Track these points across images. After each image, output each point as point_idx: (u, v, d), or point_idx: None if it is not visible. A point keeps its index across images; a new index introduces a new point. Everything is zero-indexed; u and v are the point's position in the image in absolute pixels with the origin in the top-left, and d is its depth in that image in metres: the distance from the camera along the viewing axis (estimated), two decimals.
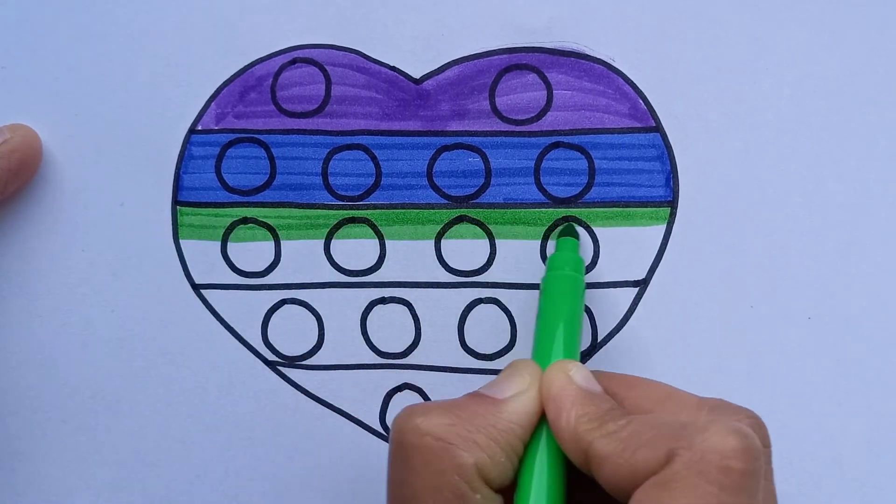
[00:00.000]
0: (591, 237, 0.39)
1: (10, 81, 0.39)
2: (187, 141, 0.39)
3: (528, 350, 0.39)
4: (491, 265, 0.39)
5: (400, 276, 0.39)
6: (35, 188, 0.39)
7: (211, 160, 0.39)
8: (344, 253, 0.39)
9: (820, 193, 0.39)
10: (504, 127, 0.39)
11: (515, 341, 0.39)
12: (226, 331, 0.39)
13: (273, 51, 0.39)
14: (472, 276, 0.39)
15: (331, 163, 0.39)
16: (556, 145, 0.39)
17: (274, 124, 0.39)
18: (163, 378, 0.40)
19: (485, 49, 0.39)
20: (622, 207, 0.39)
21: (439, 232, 0.39)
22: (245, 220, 0.39)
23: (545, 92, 0.39)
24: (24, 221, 0.40)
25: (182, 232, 0.39)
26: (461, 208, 0.39)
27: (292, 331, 0.39)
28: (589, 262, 0.39)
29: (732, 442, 0.28)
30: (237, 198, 0.39)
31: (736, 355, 0.39)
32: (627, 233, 0.39)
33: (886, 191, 0.39)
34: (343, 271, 0.39)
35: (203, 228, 0.39)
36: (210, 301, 0.39)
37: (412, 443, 0.30)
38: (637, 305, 0.39)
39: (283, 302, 0.39)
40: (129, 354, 0.40)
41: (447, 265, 0.39)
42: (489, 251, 0.39)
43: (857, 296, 0.39)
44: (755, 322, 0.39)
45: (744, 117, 0.39)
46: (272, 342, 0.39)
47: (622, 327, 0.39)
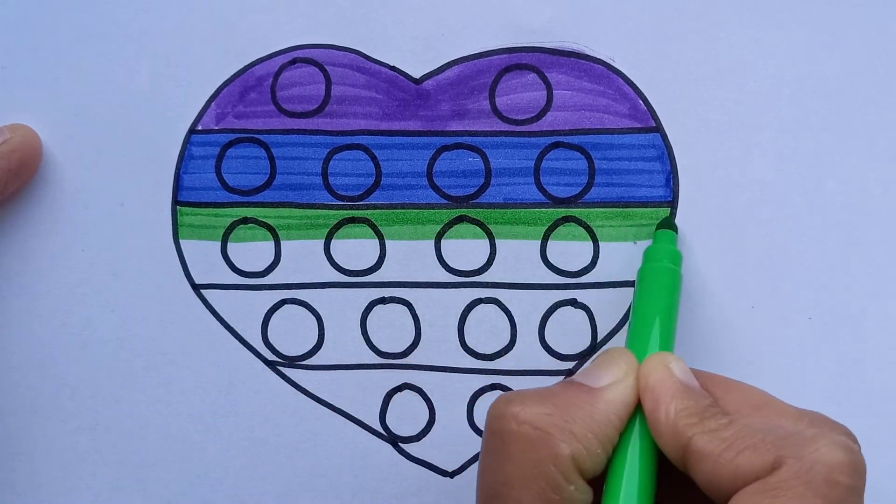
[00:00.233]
0: (591, 237, 0.39)
1: (10, 81, 0.39)
2: (187, 141, 0.39)
3: (528, 350, 0.39)
4: (491, 265, 0.39)
5: (400, 276, 0.39)
6: (35, 188, 0.39)
7: (211, 160, 0.39)
8: (344, 253, 0.39)
9: (820, 193, 0.39)
10: (504, 127, 0.39)
11: (515, 341, 0.39)
12: (226, 331, 0.39)
13: (273, 51, 0.39)
14: (472, 276, 0.39)
15: (331, 163, 0.39)
16: (556, 145, 0.39)
17: (274, 124, 0.39)
18: (163, 378, 0.40)
19: (485, 49, 0.39)
20: (622, 207, 0.39)
21: (439, 232, 0.39)
22: (245, 220, 0.39)
23: (545, 92, 0.39)
24: (24, 221, 0.40)
25: (182, 232, 0.39)
26: (461, 208, 0.39)
27: (292, 331, 0.39)
28: (589, 262, 0.39)
29: (840, 456, 0.28)
30: (237, 198, 0.39)
31: (737, 356, 0.39)
32: (627, 233, 0.39)
33: (886, 191, 0.39)
34: (343, 271, 0.39)
35: (203, 228, 0.39)
36: (210, 301, 0.39)
37: (510, 430, 0.30)
38: None
39: (283, 302, 0.39)
40: (129, 354, 0.40)
41: (447, 265, 0.39)
42: (489, 251, 0.39)
43: (858, 296, 0.39)
44: (755, 322, 0.39)
45: (744, 117, 0.39)
46: (272, 342, 0.39)
47: (622, 327, 0.39)
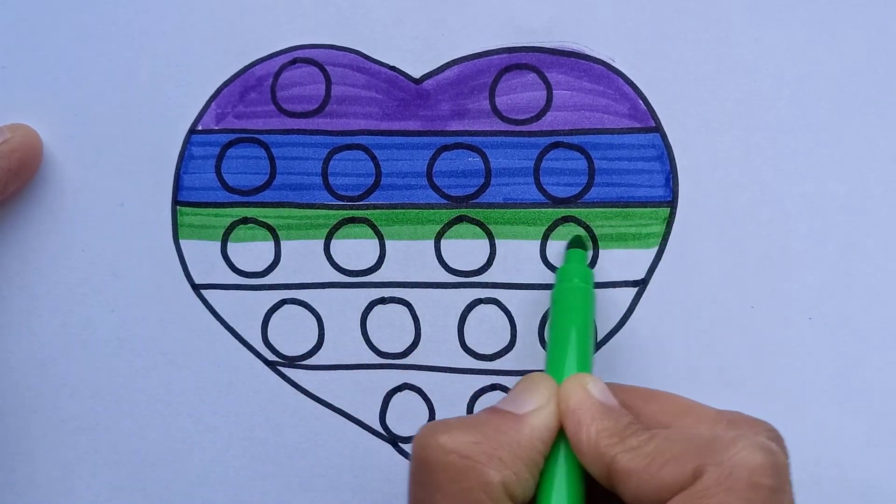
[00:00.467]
0: (591, 237, 0.39)
1: (10, 81, 0.39)
2: (187, 141, 0.39)
3: (528, 350, 0.39)
4: (491, 265, 0.39)
5: (400, 277, 0.39)
6: (35, 188, 0.39)
7: (211, 160, 0.39)
8: (344, 253, 0.39)
9: (820, 193, 0.39)
10: (504, 127, 0.39)
11: (515, 341, 0.39)
12: (226, 331, 0.39)
13: (273, 51, 0.39)
14: (472, 277, 0.39)
15: (331, 163, 0.39)
16: (556, 145, 0.39)
17: (274, 124, 0.39)
18: (163, 378, 0.40)
19: (485, 49, 0.39)
20: (622, 207, 0.39)
21: (439, 232, 0.39)
22: (245, 220, 0.39)
23: (545, 92, 0.39)
24: (24, 221, 0.40)
25: (182, 232, 0.39)
26: (461, 208, 0.39)
27: (292, 331, 0.39)
28: (588, 262, 0.39)
29: (760, 458, 0.28)
30: (237, 198, 0.39)
31: (736, 355, 0.39)
32: (627, 233, 0.39)
33: (886, 191, 0.39)
34: (343, 271, 0.39)
35: (203, 228, 0.39)
36: (210, 301, 0.39)
37: (437, 460, 0.30)
38: (636, 305, 0.39)
39: (283, 302, 0.39)
40: (129, 354, 0.40)
41: (447, 265, 0.39)
42: (489, 251, 0.39)
43: (857, 296, 0.39)
44: (755, 322, 0.39)
45: (744, 117, 0.39)
46: (272, 342, 0.39)
47: (621, 327, 0.39)
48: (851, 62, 0.39)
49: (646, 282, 0.39)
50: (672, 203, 0.39)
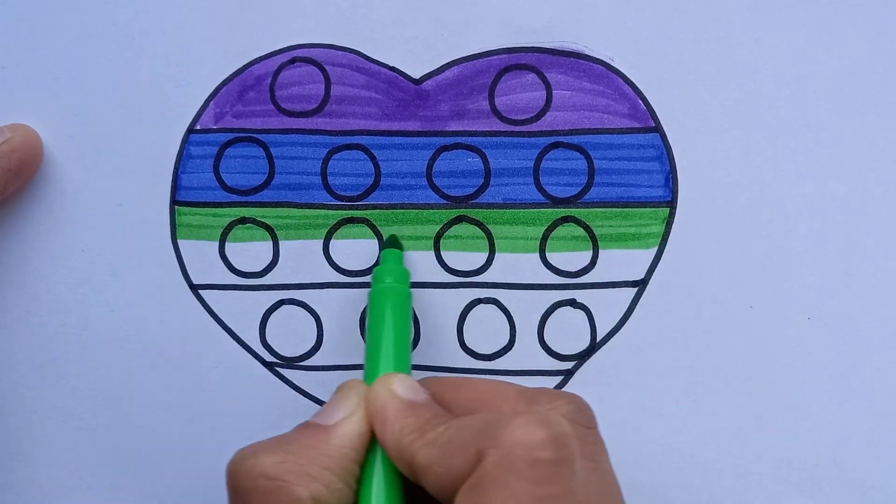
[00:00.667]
0: (591, 237, 0.39)
1: (10, 81, 0.39)
2: (186, 140, 0.39)
3: (528, 350, 0.39)
4: (490, 265, 0.39)
5: None
6: (35, 188, 0.39)
7: (209, 160, 0.39)
8: (343, 253, 0.39)
9: (819, 194, 0.39)
10: (503, 127, 0.39)
11: (514, 341, 0.39)
12: (224, 332, 0.39)
13: (272, 50, 0.39)
14: (472, 277, 0.39)
15: (330, 163, 0.39)
16: (556, 145, 0.39)
17: (273, 124, 0.39)
18: (162, 378, 0.40)
19: (484, 49, 0.39)
20: (621, 207, 0.39)
21: (438, 232, 0.39)
22: (243, 220, 0.39)
23: (544, 92, 0.39)
24: (24, 221, 0.40)
25: (180, 232, 0.39)
26: (460, 208, 0.39)
27: (291, 331, 0.39)
28: (588, 263, 0.39)
29: (538, 433, 0.28)
30: (235, 197, 0.39)
31: (736, 356, 0.39)
32: (626, 233, 0.39)
33: (886, 191, 0.39)
34: (342, 271, 0.39)
35: (201, 228, 0.39)
36: (208, 301, 0.39)
37: (246, 486, 0.30)
38: (636, 305, 0.39)
39: (282, 302, 0.39)
40: (129, 354, 0.40)
41: (446, 265, 0.39)
42: (488, 251, 0.39)
43: (857, 296, 0.39)
44: (755, 322, 0.39)
45: (743, 117, 0.39)
46: (270, 343, 0.39)
47: (621, 327, 0.39)
48: (851, 62, 0.39)
49: (645, 282, 0.39)
50: (671, 203, 0.39)
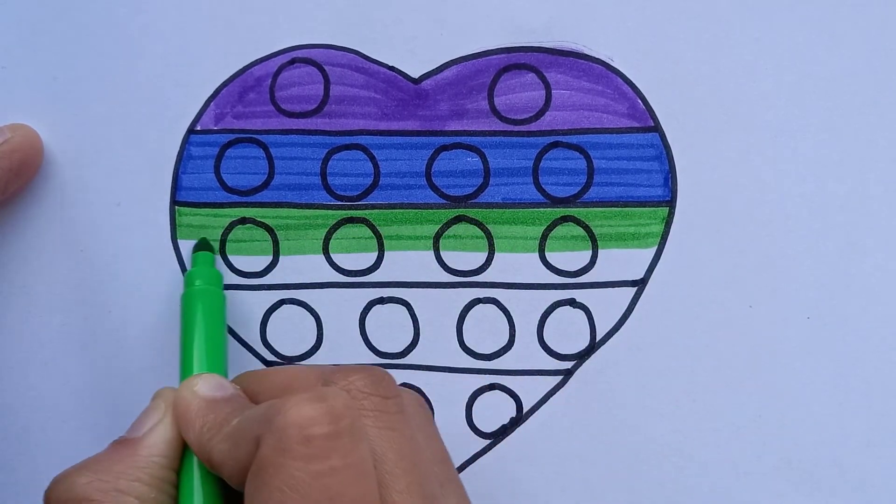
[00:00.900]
0: (590, 237, 0.39)
1: (10, 81, 0.39)
2: (186, 141, 0.39)
3: (527, 350, 0.39)
4: (489, 265, 0.39)
5: (398, 276, 0.39)
6: (35, 188, 0.39)
7: (210, 160, 0.39)
8: (342, 253, 0.39)
9: (819, 193, 0.39)
10: (503, 127, 0.39)
11: (514, 341, 0.39)
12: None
13: (272, 51, 0.39)
14: (471, 276, 0.39)
15: (329, 163, 0.39)
16: (555, 145, 0.39)
17: (273, 124, 0.39)
18: (162, 378, 0.40)
19: (483, 49, 0.39)
20: (621, 207, 0.39)
21: (438, 232, 0.39)
22: (244, 221, 0.39)
23: (544, 92, 0.39)
24: (24, 221, 0.40)
25: (181, 232, 0.39)
26: (460, 208, 0.39)
27: (291, 331, 0.39)
28: (587, 262, 0.39)
29: (309, 410, 0.28)
30: (236, 198, 0.39)
31: (735, 355, 0.39)
32: (626, 232, 0.39)
33: (886, 191, 0.39)
34: (342, 271, 0.39)
35: (202, 228, 0.39)
36: None
37: None
38: (635, 305, 0.39)
39: (282, 302, 0.39)
40: (129, 354, 0.40)
41: (446, 265, 0.39)
42: (488, 251, 0.39)
43: (857, 296, 0.39)
44: (755, 322, 0.39)
45: (743, 117, 0.39)
46: (271, 342, 0.39)
47: (620, 327, 0.39)
48: (851, 62, 0.39)
49: (645, 281, 0.39)
50: (671, 203, 0.39)
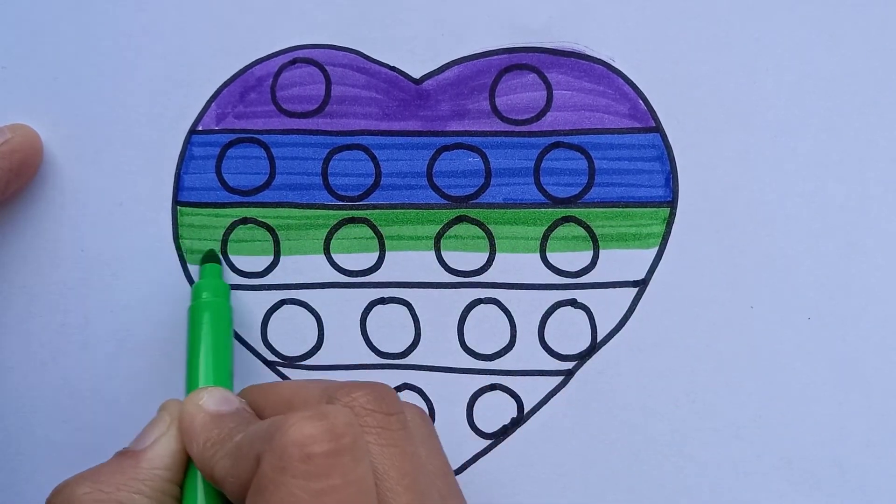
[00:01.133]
0: (591, 237, 0.39)
1: (10, 81, 0.39)
2: (188, 141, 0.39)
3: (528, 350, 0.39)
4: (490, 265, 0.39)
5: (399, 277, 0.39)
6: (35, 188, 0.39)
7: (211, 160, 0.39)
8: (343, 253, 0.39)
9: (820, 194, 0.39)
10: (504, 127, 0.39)
11: (515, 341, 0.39)
12: None
13: (273, 51, 0.39)
14: (472, 277, 0.39)
15: (331, 163, 0.39)
16: (556, 145, 0.39)
17: (274, 124, 0.39)
18: (163, 378, 0.40)
19: (485, 49, 0.39)
20: (622, 207, 0.39)
21: (439, 232, 0.39)
22: (245, 221, 0.39)
23: (545, 92, 0.39)
24: (24, 221, 0.40)
25: (182, 232, 0.39)
26: (461, 208, 0.39)
27: (292, 331, 0.39)
28: (589, 263, 0.39)
29: (309, 429, 0.27)
30: (237, 198, 0.39)
31: (736, 355, 0.39)
32: (627, 233, 0.39)
33: (886, 191, 0.39)
34: (343, 271, 0.39)
35: (203, 228, 0.39)
36: None
37: None
38: (636, 305, 0.39)
39: (283, 302, 0.39)
40: (129, 354, 0.40)
41: (447, 265, 0.39)
42: (489, 251, 0.39)
43: (857, 297, 0.39)
44: (755, 322, 0.39)
45: (744, 117, 0.39)
46: (272, 342, 0.39)
47: (621, 327, 0.39)
48: (851, 62, 0.39)
49: (646, 282, 0.39)
50: (672, 203, 0.39)
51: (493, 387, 0.39)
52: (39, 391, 0.40)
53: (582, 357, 0.39)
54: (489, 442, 0.39)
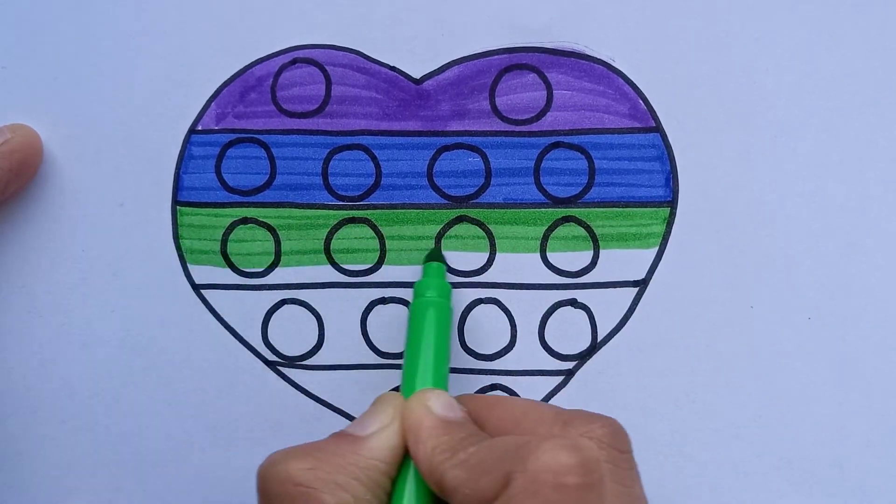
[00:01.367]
0: (591, 237, 0.39)
1: (10, 81, 0.39)
2: (187, 141, 0.39)
3: (528, 350, 0.39)
4: (491, 265, 0.39)
5: (400, 277, 0.39)
6: (35, 188, 0.39)
7: (211, 160, 0.39)
8: (344, 253, 0.39)
9: (820, 194, 0.39)
10: (504, 127, 0.39)
11: (515, 341, 0.39)
12: (226, 331, 0.39)
13: (273, 51, 0.39)
14: (472, 277, 0.39)
15: (331, 163, 0.39)
16: (556, 145, 0.39)
17: (274, 124, 0.39)
18: (163, 378, 0.40)
19: (485, 49, 0.39)
20: (622, 207, 0.39)
21: (439, 232, 0.39)
22: (245, 220, 0.39)
23: (545, 92, 0.39)
24: (24, 221, 0.40)
25: (182, 232, 0.39)
26: (461, 208, 0.39)
27: (292, 331, 0.39)
28: (589, 262, 0.39)
29: (565, 458, 0.27)
30: (237, 198, 0.39)
31: (736, 355, 0.39)
32: (627, 233, 0.39)
33: (886, 191, 0.39)
34: (343, 271, 0.39)
35: (203, 228, 0.39)
36: (210, 301, 0.39)
37: (274, 491, 0.30)
38: (637, 305, 0.39)
39: (283, 302, 0.39)
40: (129, 354, 0.40)
41: (447, 265, 0.39)
42: (489, 251, 0.39)
43: (857, 296, 0.39)
44: (755, 322, 0.39)
45: (744, 117, 0.39)
46: (272, 342, 0.39)
47: (622, 327, 0.39)
48: (851, 62, 0.39)
49: (646, 282, 0.39)
50: (672, 203, 0.39)
51: (494, 387, 0.39)
52: (39, 391, 0.40)
53: (582, 357, 0.39)
54: None
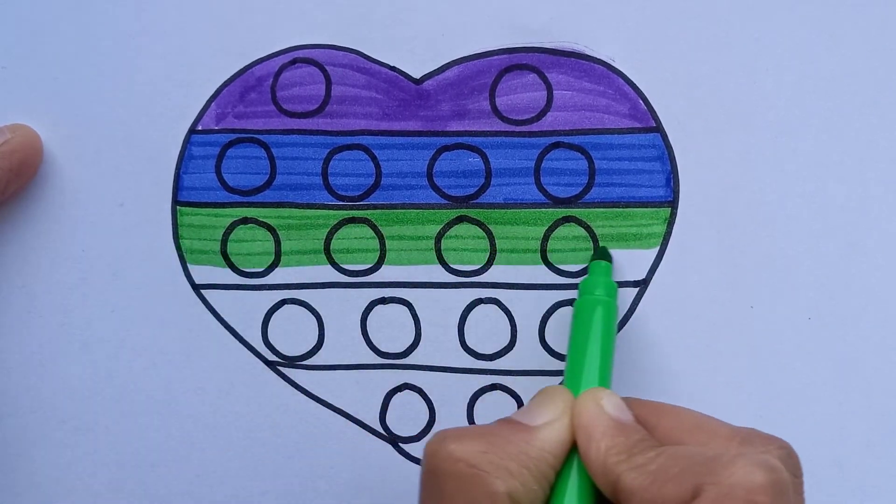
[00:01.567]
0: (592, 237, 0.39)
1: (10, 81, 0.39)
2: (187, 141, 0.39)
3: (528, 350, 0.39)
4: (491, 265, 0.39)
5: (400, 277, 0.39)
6: (35, 188, 0.39)
7: (211, 160, 0.39)
8: (344, 253, 0.39)
9: (820, 194, 0.39)
10: (504, 127, 0.39)
11: (515, 341, 0.39)
12: (226, 331, 0.39)
13: (273, 51, 0.39)
14: (473, 277, 0.39)
15: (331, 163, 0.39)
16: (557, 145, 0.39)
17: (274, 124, 0.39)
18: (163, 378, 0.40)
19: (485, 49, 0.39)
20: (622, 208, 0.39)
21: (439, 232, 0.39)
22: (245, 221, 0.39)
23: (545, 92, 0.39)
24: (24, 221, 0.40)
25: (182, 232, 0.39)
26: (461, 208, 0.39)
27: (292, 331, 0.39)
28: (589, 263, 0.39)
29: (759, 477, 0.28)
30: (237, 198, 0.39)
31: (736, 356, 0.39)
32: (627, 233, 0.39)
33: (886, 191, 0.39)
34: (343, 271, 0.39)
35: (203, 228, 0.39)
36: (210, 301, 0.39)
37: (445, 469, 0.30)
38: (637, 305, 0.39)
39: (284, 302, 0.39)
40: (129, 354, 0.40)
41: (447, 265, 0.39)
42: (489, 251, 0.39)
43: (857, 296, 0.39)
44: (755, 322, 0.39)
45: (744, 117, 0.39)
46: (272, 342, 0.39)
47: (623, 327, 0.39)
48: (851, 62, 0.39)
49: (647, 282, 0.39)
50: (673, 203, 0.39)
51: (494, 387, 0.39)
52: (39, 391, 0.40)
53: None
54: None
